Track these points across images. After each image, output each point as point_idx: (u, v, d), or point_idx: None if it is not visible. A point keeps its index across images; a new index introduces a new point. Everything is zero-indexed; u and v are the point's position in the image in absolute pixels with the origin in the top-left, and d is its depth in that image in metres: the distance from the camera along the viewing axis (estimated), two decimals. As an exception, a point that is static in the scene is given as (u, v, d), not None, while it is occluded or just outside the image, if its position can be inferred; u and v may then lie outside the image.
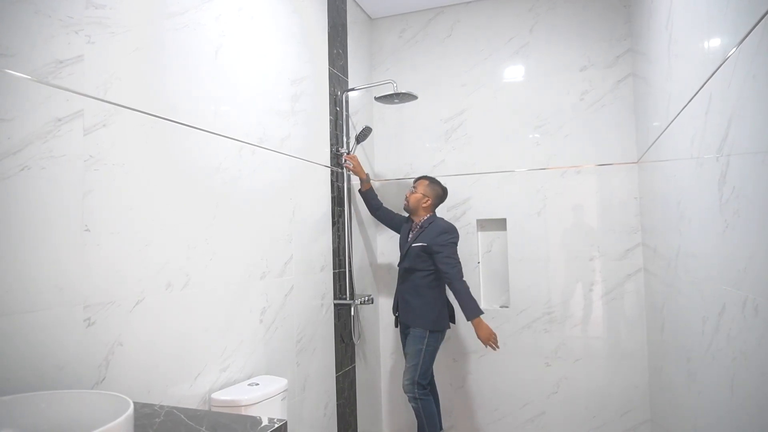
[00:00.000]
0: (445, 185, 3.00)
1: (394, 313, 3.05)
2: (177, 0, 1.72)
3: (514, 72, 3.32)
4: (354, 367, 3.03)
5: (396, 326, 3.07)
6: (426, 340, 2.77)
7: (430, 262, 2.81)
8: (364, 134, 3.01)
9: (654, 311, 2.72)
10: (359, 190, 3.11)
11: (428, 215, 2.92)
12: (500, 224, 3.32)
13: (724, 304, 1.44)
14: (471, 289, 2.73)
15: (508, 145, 3.30)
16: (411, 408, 2.91)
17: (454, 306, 2.93)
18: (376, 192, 3.44)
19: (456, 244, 2.81)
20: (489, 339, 2.68)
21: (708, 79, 1.49)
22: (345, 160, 2.97)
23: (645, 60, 2.62)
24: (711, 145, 1.50)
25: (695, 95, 1.65)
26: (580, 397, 3.12)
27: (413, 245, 2.85)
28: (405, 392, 2.80)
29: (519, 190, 3.27)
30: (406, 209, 2.99)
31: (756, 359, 1.22)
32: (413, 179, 3.03)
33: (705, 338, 1.65)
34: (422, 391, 2.78)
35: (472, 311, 2.67)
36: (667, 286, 2.31)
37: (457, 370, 3.10)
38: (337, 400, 2.83)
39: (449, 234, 2.81)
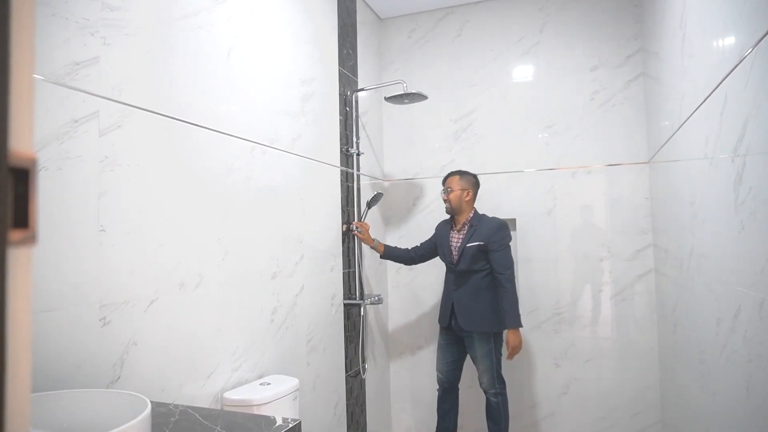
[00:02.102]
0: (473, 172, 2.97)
1: (446, 323, 2.89)
2: (190, 1, 1.73)
3: (524, 72, 3.31)
4: (362, 368, 3.03)
5: (444, 327, 2.93)
6: (492, 339, 2.77)
7: (485, 261, 2.77)
8: (375, 199, 2.97)
9: (665, 312, 2.70)
10: (380, 257, 3.08)
11: (473, 212, 2.89)
12: (510, 224, 3.31)
13: (739, 305, 1.43)
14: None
15: (517, 145, 3.29)
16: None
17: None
18: (386, 194, 3.45)
19: (510, 244, 2.79)
20: (517, 350, 2.69)
21: (723, 79, 1.48)
22: (355, 227, 2.95)
23: (657, 60, 2.60)
24: (726, 146, 1.49)
25: (710, 95, 1.63)
26: (590, 398, 3.11)
27: (468, 245, 2.80)
28: (486, 390, 2.82)
29: (528, 190, 3.26)
30: (449, 212, 2.91)
31: (773, 361, 1.21)
32: (443, 180, 2.94)
33: (719, 340, 1.64)
34: (503, 385, 2.82)
35: (516, 320, 2.67)
36: (679, 287, 2.29)
37: (467, 371, 3.10)
38: (347, 400, 2.84)
39: (504, 230, 2.77)
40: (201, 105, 1.77)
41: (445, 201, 2.90)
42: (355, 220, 3.00)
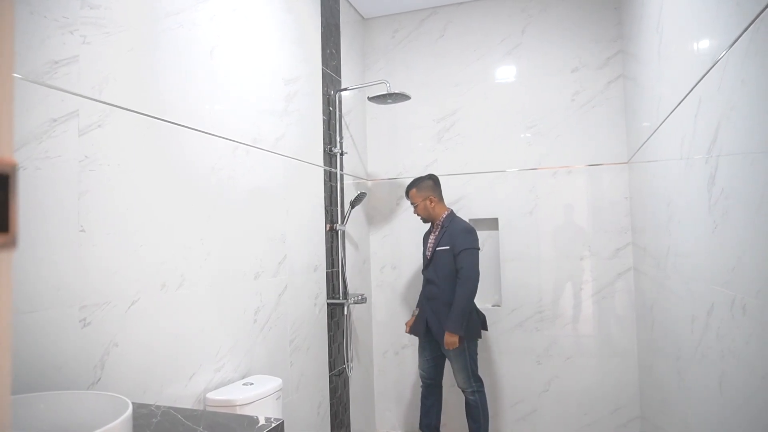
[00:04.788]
0: (426, 174, 3.00)
1: (419, 332, 2.94)
2: (171, 0, 1.72)
3: (507, 72, 3.35)
4: (348, 367, 3.04)
5: (416, 334, 2.99)
6: (465, 345, 2.79)
7: (455, 270, 2.78)
8: (359, 199, 2.98)
9: (644, 310, 2.75)
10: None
11: (445, 213, 2.92)
12: (492, 224, 3.35)
13: (713, 303, 1.46)
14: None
15: (500, 145, 3.32)
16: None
17: (485, 314, 2.96)
18: (369, 194, 3.46)
19: (479, 250, 2.80)
20: (450, 348, 2.72)
21: (698, 83, 1.52)
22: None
23: (635, 62, 2.65)
24: (700, 147, 1.53)
25: (685, 97, 1.67)
26: (571, 395, 3.15)
27: (438, 249, 2.83)
28: (463, 389, 2.85)
29: (511, 189, 3.29)
30: (425, 222, 2.98)
31: (744, 357, 1.24)
32: (405, 193, 2.98)
33: (694, 336, 1.68)
34: (479, 384, 2.85)
35: (457, 326, 2.69)
36: (656, 285, 2.34)
37: (450, 369, 3.12)
38: (331, 399, 2.84)
39: (470, 235, 2.78)
40: (183, 104, 1.76)
41: (417, 214, 2.95)
42: (339, 220, 3.00)
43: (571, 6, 3.21)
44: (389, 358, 3.52)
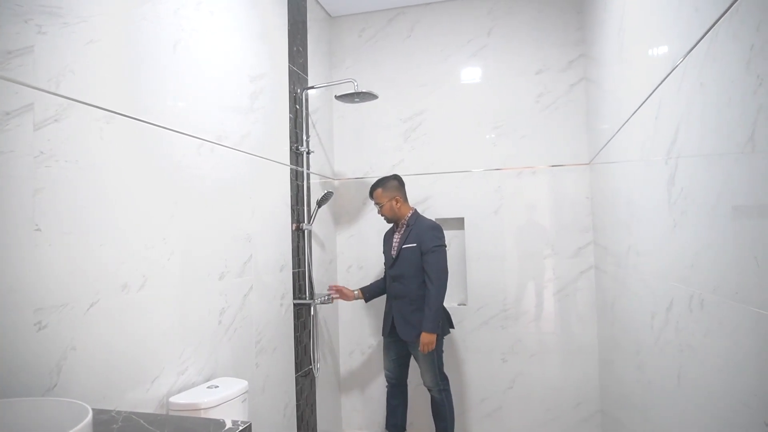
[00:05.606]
0: (391, 174, 3.02)
1: (384, 332, 2.96)
2: (133, -9, 1.66)
3: (473, 73, 3.38)
4: (314, 367, 3.01)
5: (384, 334, 3.00)
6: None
7: (421, 269, 2.78)
8: (326, 198, 2.96)
9: (605, 307, 2.83)
10: (366, 302, 3.12)
11: (411, 211, 2.92)
12: (458, 223, 3.38)
13: (672, 299, 1.52)
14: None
15: (466, 146, 3.36)
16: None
17: (451, 313, 2.97)
18: (336, 193, 3.45)
19: (445, 247, 2.81)
20: (427, 348, 2.72)
21: (659, 85, 1.57)
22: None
23: (597, 65, 2.72)
24: (660, 149, 1.58)
25: (646, 100, 1.73)
26: (535, 391, 3.22)
27: (404, 247, 2.82)
28: (429, 388, 2.86)
29: (476, 189, 3.33)
30: (389, 222, 2.98)
31: (702, 351, 1.29)
32: (369, 193, 2.99)
33: (654, 332, 1.74)
34: (445, 382, 2.86)
35: (433, 325, 2.69)
36: (617, 282, 2.41)
37: (417, 368, 3.13)
38: (297, 401, 2.81)
39: (436, 231, 2.79)
40: (146, 100, 1.71)
41: (381, 215, 2.95)
42: (305, 220, 2.97)
43: (535, 10, 3.27)
44: (356, 358, 3.51)
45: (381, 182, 2.92)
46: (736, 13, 1.03)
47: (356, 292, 3.06)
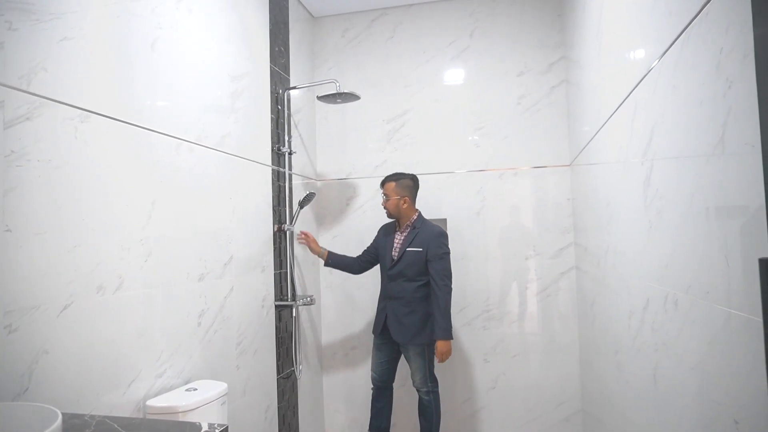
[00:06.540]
0: (409, 173, 2.98)
1: (376, 331, 2.94)
2: (109, -11, 1.64)
3: (455, 75, 3.40)
4: (296, 369, 3.00)
5: (375, 332, 2.98)
6: (425, 349, 2.80)
7: (422, 272, 2.78)
8: (308, 199, 2.94)
9: (585, 307, 2.86)
10: (324, 264, 3.09)
11: (417, 214, 2.91)
12: (441, 224, 3.38)
13: (648, 298, 1.53)
14: None
15: (449, 147, 3.37)
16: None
17: None
18: (318, 194, 3.43)
19: (449, 254, 2.82)
20: (446, 357, 2.72)
21: (634, 88, 1.59)
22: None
23: (577, 67, 2.75)
24: (637, 150, 1.60)
25: (623, 102, 1.75)
26: (517, 392, 3.23)
27: (409, 249, 2.80)
28: (418, 388, 2.86)
29: (459, 190, 3.34)
30: (389, 217, 2.95)
31: (676, 349, 1.31)
32: (381, 182, 2.96)
33: (631, 331, 1.76)
34: (435, 384, 2.87)
35: (446, 332, 2.69)
36: (597, 283, 2.44)
37: (401, 369, 3.13)
38: (279, 403, 2.79)
39: (443, 238, 2.79)
40: (123, 98, 1.68)
41: (384, 207, 2.93)
42: (287, 221, 2.95)
43: (517, 12, 3.29)
44: (338, 359, 3.50)
45: (397, 176, 2.92)
46: (706, 17, 1.05)
47: (323, 251, 3.05)
